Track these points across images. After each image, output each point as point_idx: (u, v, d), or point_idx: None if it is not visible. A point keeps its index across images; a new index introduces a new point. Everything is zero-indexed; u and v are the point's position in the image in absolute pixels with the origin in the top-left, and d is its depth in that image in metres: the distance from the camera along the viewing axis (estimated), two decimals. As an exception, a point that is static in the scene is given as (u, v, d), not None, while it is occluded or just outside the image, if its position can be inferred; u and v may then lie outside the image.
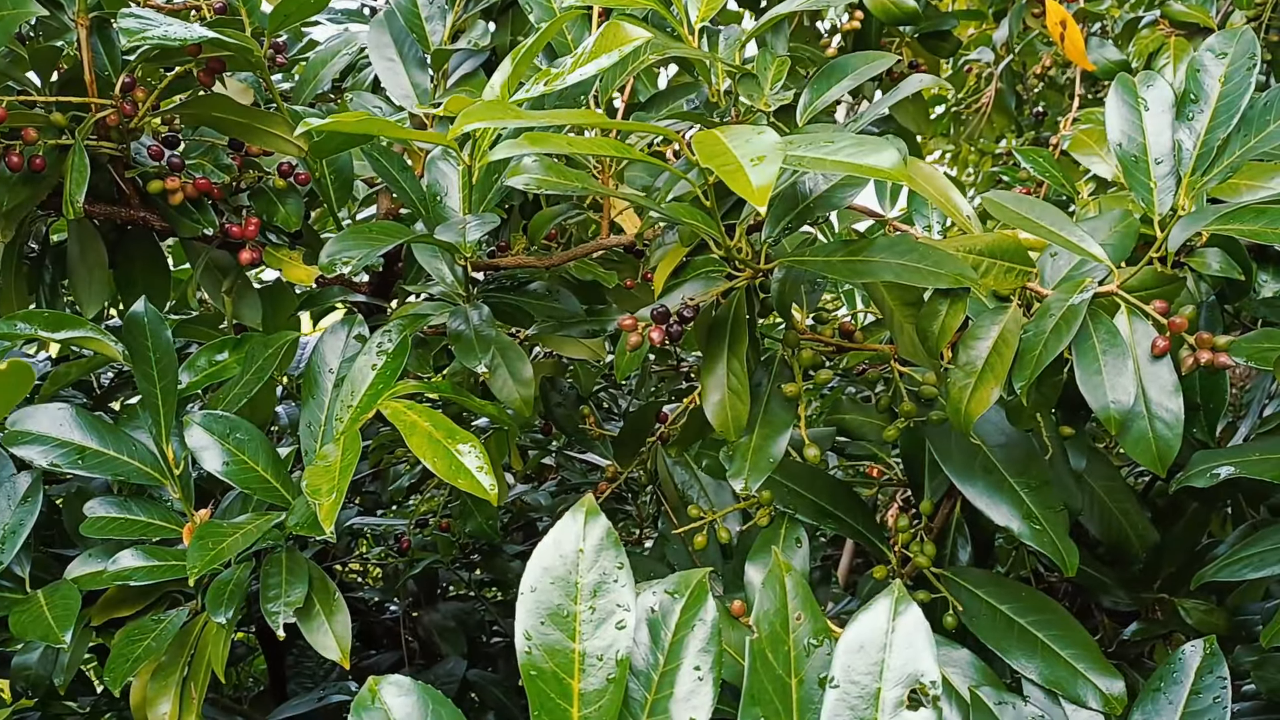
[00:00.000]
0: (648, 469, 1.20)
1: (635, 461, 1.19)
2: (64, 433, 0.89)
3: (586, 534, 0.54)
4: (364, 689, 0.57)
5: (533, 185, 0.68)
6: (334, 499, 0.73)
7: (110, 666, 0.85)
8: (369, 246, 0.80)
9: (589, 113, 0.60)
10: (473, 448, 0.77)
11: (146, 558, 0.88)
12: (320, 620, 0.88)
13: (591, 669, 0.52)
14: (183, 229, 0.92)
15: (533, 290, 0.99)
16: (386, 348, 0.86)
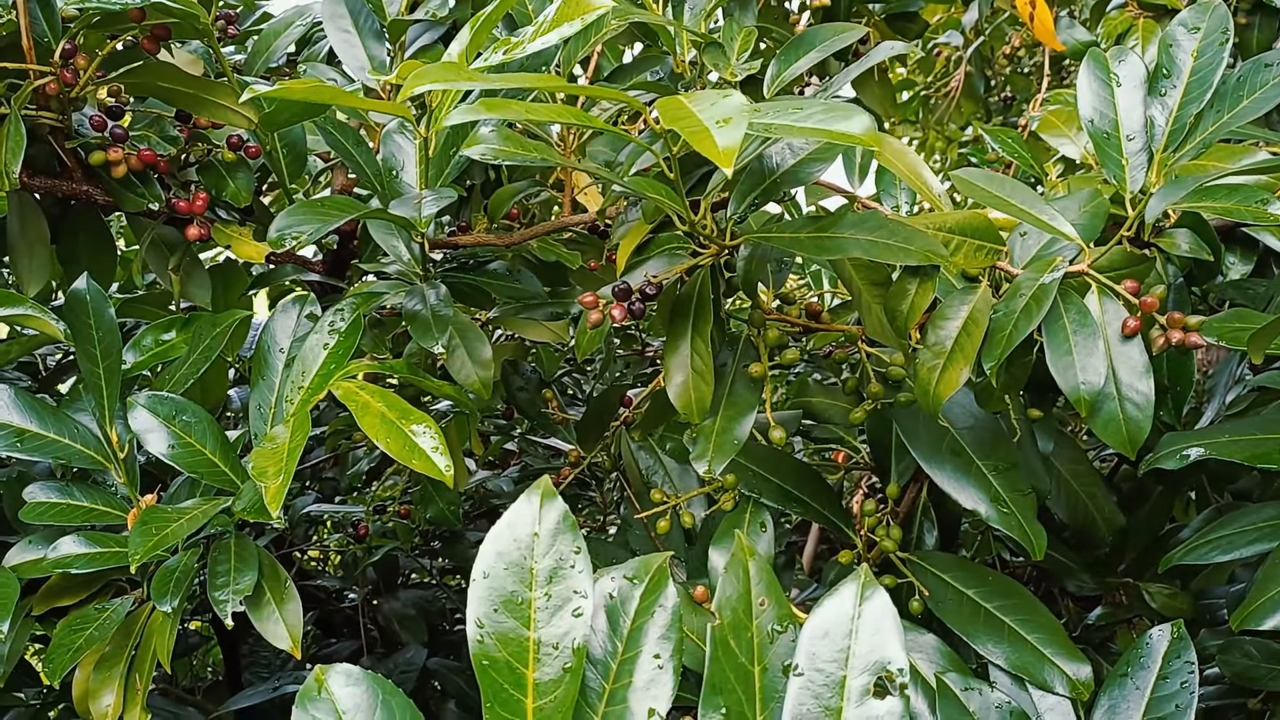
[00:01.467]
0: (611, 454, 1.18)
1: (599, 446, 1.17)
2: (2, 415, 0.85)
3: (542, 517, 0.52)
4: (310, 678, 0.54)
5: (489, 155, 0.66)
6: (280, 481, 0.70)
7: (50, 657, 0.81)
8: (320, 221, 0.77)
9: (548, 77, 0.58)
10: (427, 428, 0.75)
11: (88, 544, 0.84)
12: (271, 609, 0.85)
13: (547, 658, 0.50)
14: (127, 203, 0.88)
15: (493, 270, 0.97)
16: (339, 327, 0.83)
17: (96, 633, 0.83)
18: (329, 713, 0.53)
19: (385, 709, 0.54)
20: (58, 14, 0.85)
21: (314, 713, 0.53)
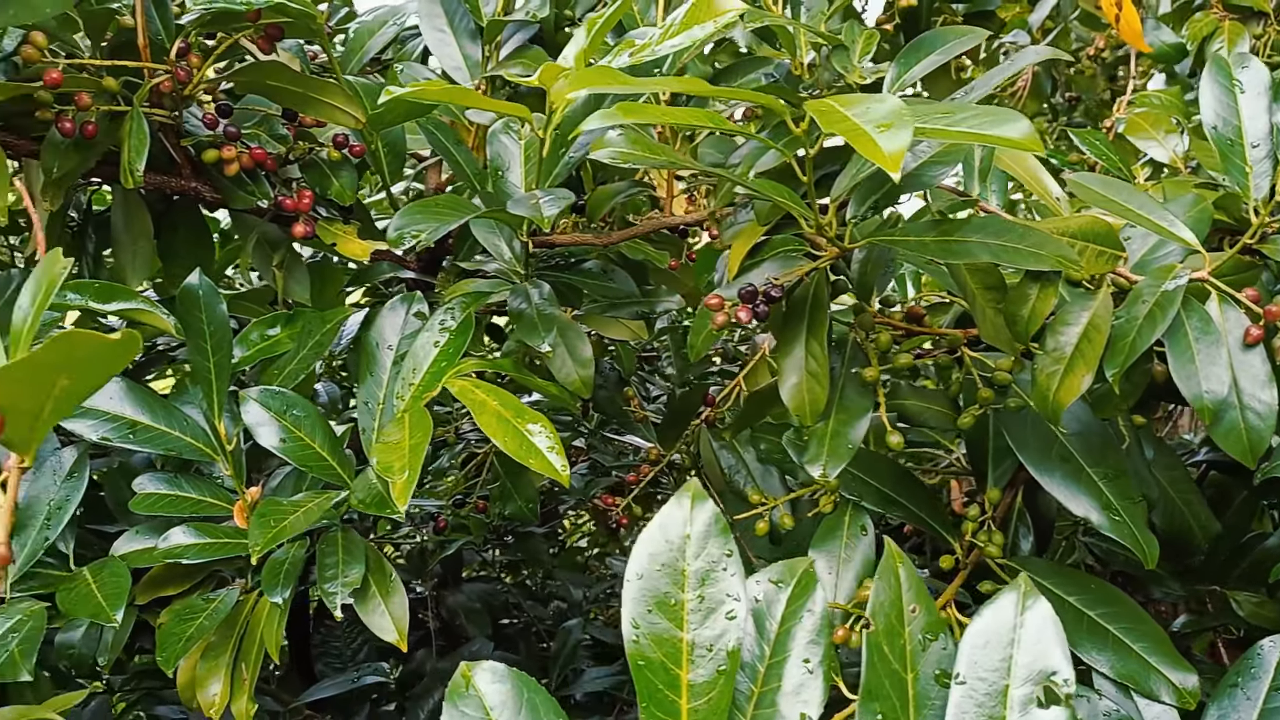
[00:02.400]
0: (690, 452, 1.19)
1: (678, 444, 1.17)
2: (115, 406, 0.86)
3: (693, 519, 0.53)
4: (457, 675, 0.55)
5: (618, 159, 0.66)
6: (407, 477, 0.71)
7: (162, 646, 0.83)
8: (436, 221, 0.78)
9: (693, 80, 0.58)
10: (543, 428, 0.75)
11: (198, 535, 0.86)
12: (376, 601, 0.86)
13: (700, 659, 0.51)
14: (236, 200, 0.89)
15: (587, 269, 0.97)
16: (449, 325, 0.84)
17: (206, 622, 0.84)
18: (477, 709, 0.54)
19: (530, 706, 0.55)
20: (170, 13, 0.87)
21: (463, 709, 0.54)
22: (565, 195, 0.76)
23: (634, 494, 1.14)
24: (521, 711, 0.54)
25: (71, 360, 0.45)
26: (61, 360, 0.45)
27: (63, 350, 0.44)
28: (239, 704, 0.87)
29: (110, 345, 0.44)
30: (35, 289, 0.52)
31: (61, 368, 0.46)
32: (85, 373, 0.47)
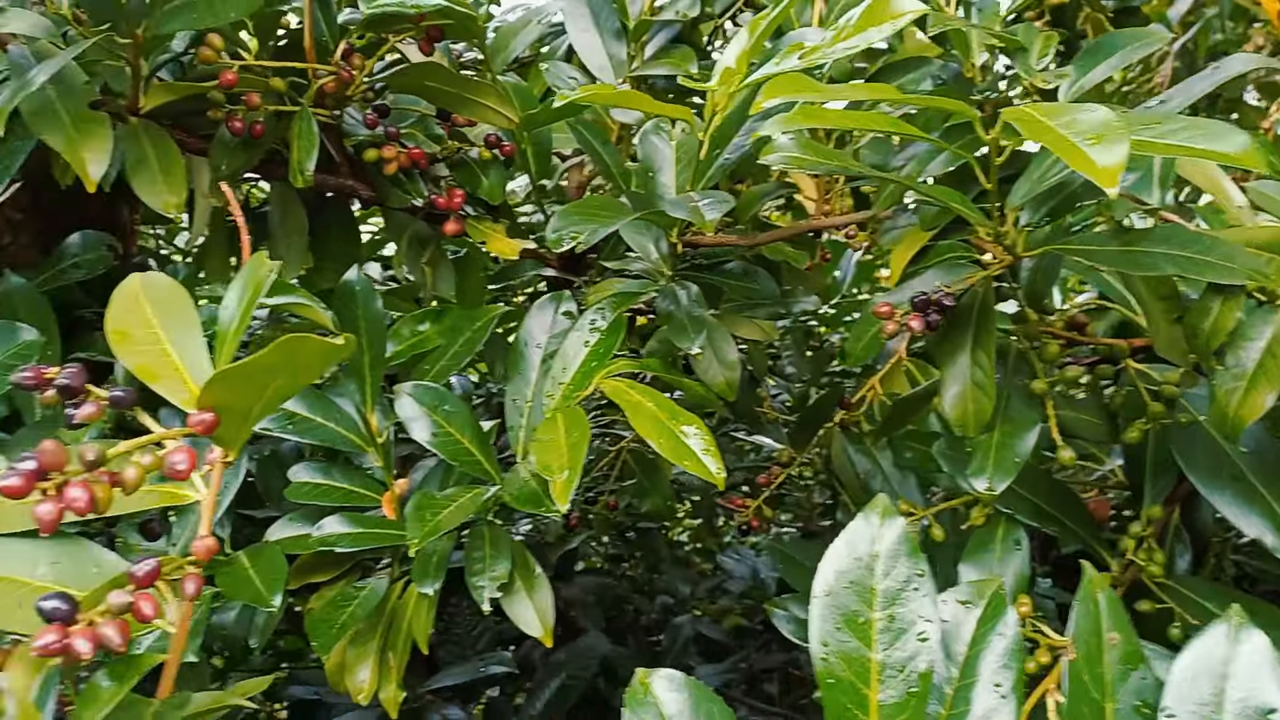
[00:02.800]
0: (821, 455, 1.17)
1: (810, 447, 1.16)
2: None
3: (881, 536, 0.52)
4: (634, 682, 0.56)
5: (790, 163, 0.66)
6: (567, 477, 0.72)
7: (317, 632, 0.85)
8: (594, 223, 0.78)
9: (883, 87, 0.57)
10: (698, 430, 0.75)
11: (351, 525, 0.88)
12: (521, 595, 0.87)
13: (890, 680, 0.50)
14: (392, 199, 0.91)
15: (730, 270, 0.97)
16: (599, 325, 0.84)
17: (358, 611, 0.87)
18: (655, 716, 0.54)
19: (707, 716, 0.55)
20: (334, 14, 0.89)
21: (642, 715, 0.54)
22: (725, 198, 0.76)
23: (765, 496, 1.13)
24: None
25: (289, 363, 0.47)
26: (280, 363, 0.46)
27: (284, 354, 0.45)
28: (387, 691, 0.89)
29: (328, 349, 0.45)
30: (242, 290, 0.53)
31: (279, 370, 0.47)
32: (298, 374, 0.48)
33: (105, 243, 0.98)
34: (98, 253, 0.98)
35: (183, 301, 0.58)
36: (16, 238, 1.03)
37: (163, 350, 0.56)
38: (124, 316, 0.57)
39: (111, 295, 0.58)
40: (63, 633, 0.44)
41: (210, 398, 0.48)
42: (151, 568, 0.47)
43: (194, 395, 0.55)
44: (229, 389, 0.47)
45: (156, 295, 0.58)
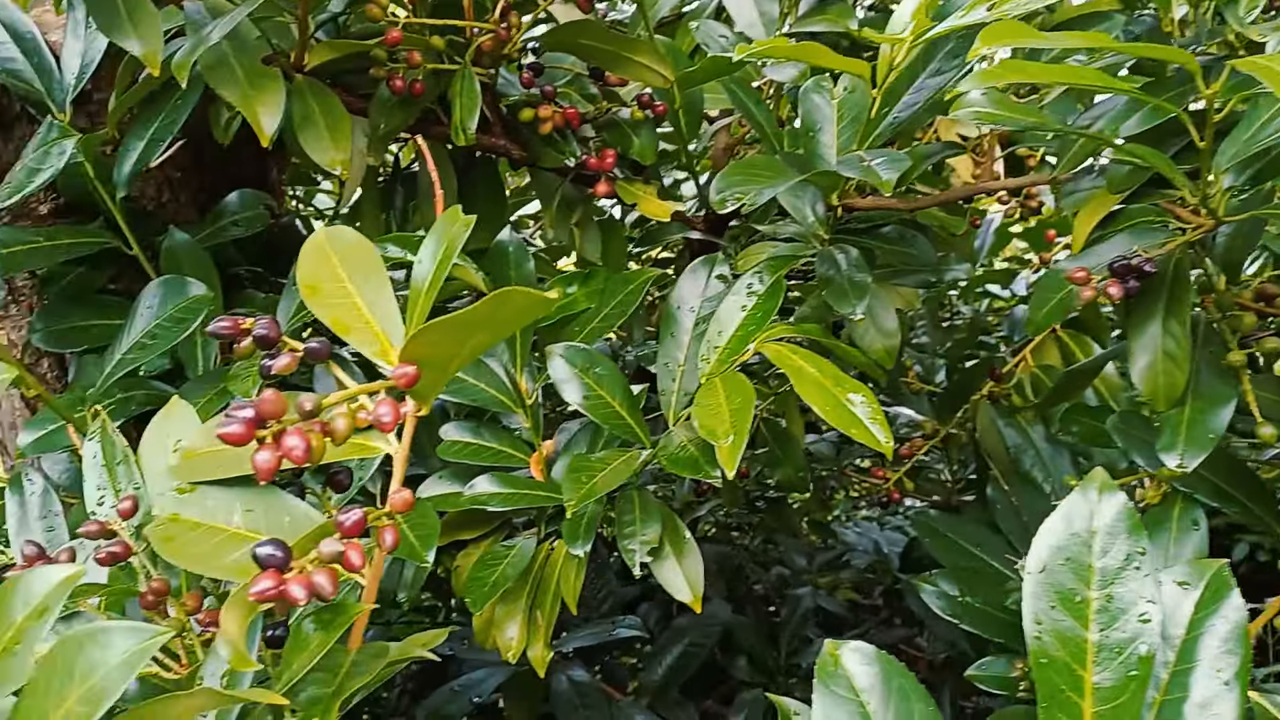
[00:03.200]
0: (966, 428, 1.14)
1: (955, 419, 1.13)
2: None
3: (1100, 511, 0.49)
4: (824, 654, 0.54)
5: (982, 119, 0.62)
6: (733, 442, 0.70)
7: (470, 590, 0.86)
8: (758, 184, 0.77)
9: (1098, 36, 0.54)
10: (864, 397, 0.73)
11: (501, 485, 0.88)
12: (670, 561, 0.86)
13: (1106, 662, 0.47)
14: (545, 159, 0.91)
15: (885, 234, 0.94)
16: (757, 289, 0.82)
17: (509, 570, 0.87)
18: (847, 689, 0.53)
19: (899, 692, 0.53)
20: (490, -30, 0.88)
21: (834, 689, 0.53)
22: (901, 158, 0.73)
23: (907, 467, 1.10)
24: (891, 697, 0.52)
25: (493, 318, 0.46)
26: (484, 318, 0.46)
27: (491, 308, 0.45)
28: (535, 649, 0.90)
29: (538, 302, 0.44)
30: (436, 247, 0.53)
31: (482, 325, 0.47)
32: (500, 328, 0.48)
33: (262, 201, 1.00)
34: (255, 211, 0.99)
35: (370, 255, 0.58)
36: (176, 196, 1.06)
37: (353, 303, 0.56)
38: (314, 270, 0.57)
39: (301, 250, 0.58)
40: (278, 579, 0.44)
41: (413, 351, 0.48)
42: (358, 518, 0.47)
43: (385, 347, 0.55)
44: (432, 343, 0.47)
45: (344, 249, 0.58)
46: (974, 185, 0.87)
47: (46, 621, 0.40)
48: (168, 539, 0.54)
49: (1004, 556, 1.00)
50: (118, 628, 0.38)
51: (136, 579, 0.59)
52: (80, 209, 1.00)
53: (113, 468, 0.61)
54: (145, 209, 1.03)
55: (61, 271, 1.00)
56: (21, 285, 1.00)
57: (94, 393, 0.86)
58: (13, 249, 0.91)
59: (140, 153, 0.92)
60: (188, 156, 1.03)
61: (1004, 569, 0.99)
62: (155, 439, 0.62)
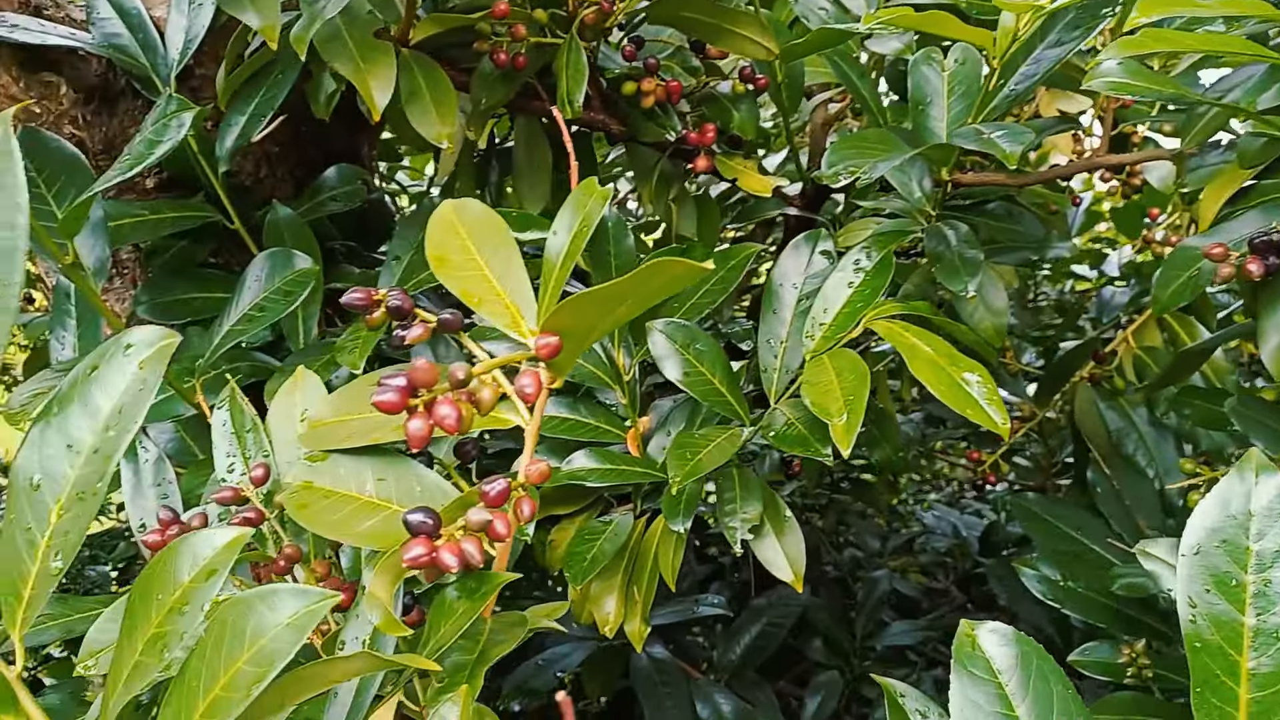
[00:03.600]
0: (1064, 410, 1.11)
1: (1053, 402, 1.11)
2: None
3: (1257, 494, 0.47)
4: (960, 634, 0.53)
5: (1116, 89, 0.61)
6: (848, 420, 0.69)
7: (569, 564, 0.86)
8: (872, 157, 0.75)
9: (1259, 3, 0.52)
10: (980, 377, 0.72)
11: (600, 460, 0.88)
12: (771, 539, 0.86)
13: (1263, 647, 0.46)
14: (646, 134, 0.90)
15: (991, 210, 0.92)
16: (864, 266, 0.81)
17: (608, 545, 0.87)
18: (985, 670, 0.52)
19: (1039, 674, 0.52)
20: (593, -57, 0.87)
21: (971, 669, 0.52)
22: (1024, 131, 0.71)
23: (1003, 450, 1.08)
24: (1030, 678, 0.51)
25: (643, 289, 0.46)
26: (634, 289, 0.45)
27: (643, 278, 0.44)
28: (632, 625, 0.90)
29: (694, 271, 0.44)
30: (572, 219, 0.53)
31: (627, 295, 0.46)
32: (647, 299, 0.47)
33: (359, 176, 1.01)
34: (353, 185, 1.00)
35: (498, 228, 0.58)
36: (273, 171, 1.07)
37: (482, 275, 0.56)
38: (442, 242, 0.58)
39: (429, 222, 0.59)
40: (429, 546, 0.44)
41: (556, 322, 0.47)
42: (503, 488, 0.47)
43: (516, 319, 0.55)
44: (577, 314, 0.47)
45: (471, 221, 0.58)
46: (1091, 160, 0.85)
47: (214, 583, 0.40)
48: (302, 506, 0.55)
49: (1105, 540, 0.98)
50: (286, 590, 0.39)
51: (266, 545, 0.60)
52: (182, 184, 1.01)
53: (242, 435, 0.62)
54: (244, 184, 1.05)
55: (164, 245, 1.01)
56: (126, 258, 1.02)
57: (202, 364, 0.87)
58: (120, 222, 0.93)
59: (242, 128, 0.93)
60: (285, 132, 1.04)
61: (1105, 553, 0.98)
62: (283, 408, 0.63)
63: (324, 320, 1.02)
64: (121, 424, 0.43)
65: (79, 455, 0.44)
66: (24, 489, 0.44)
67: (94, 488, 0.43)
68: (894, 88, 1.04)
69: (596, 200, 0.52)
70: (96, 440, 0.43)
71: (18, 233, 0.42)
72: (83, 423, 0.44)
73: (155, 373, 0.43)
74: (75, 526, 0.43)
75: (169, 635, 0.41)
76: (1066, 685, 0.52)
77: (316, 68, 0.93)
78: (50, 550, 0.43)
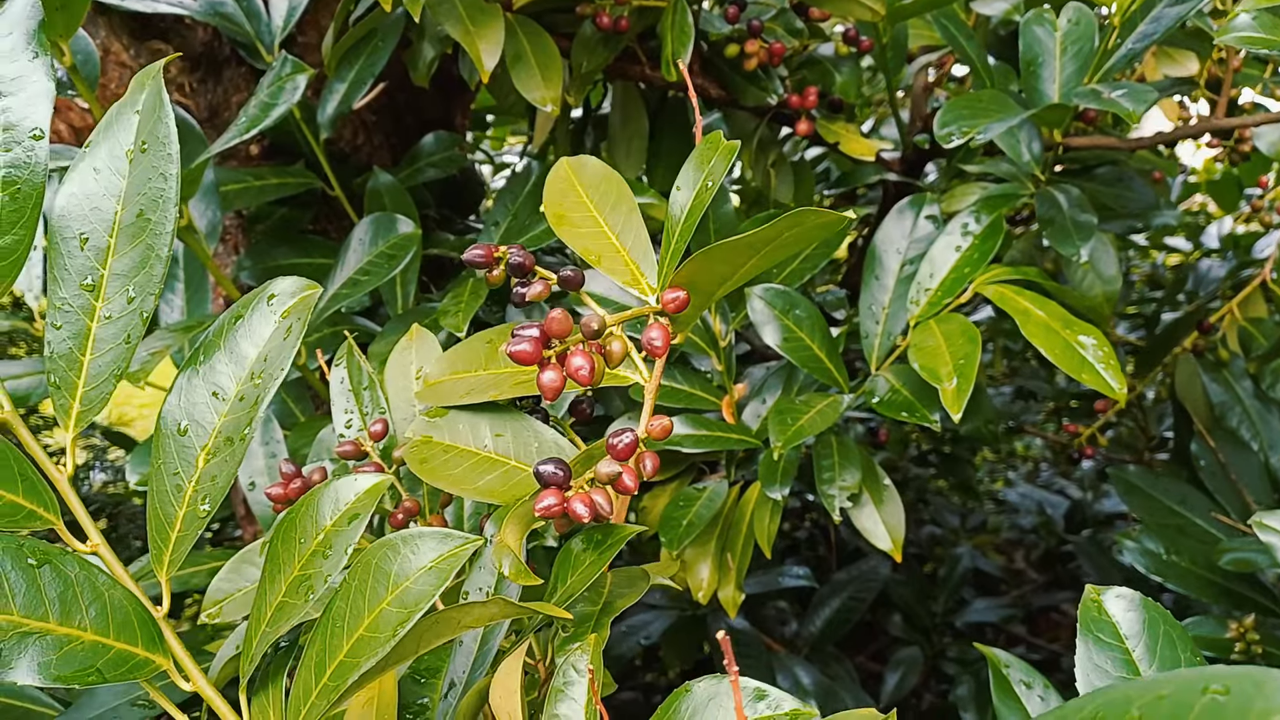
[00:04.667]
0: (1164, 383, 1.08)
1: (1153, 374, 1.08)
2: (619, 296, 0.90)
3: None
4: (1086, 599, 0.52)
5: (1248, 44, 0.58)
6: (958, 385, 0.68)
7: (665, 530, 0.86)
8: (986, 119, 0.74)
9: None
10: (1095, 340, 0.70)
11: (696, 427, 0.88)
12: (870, 508, 0.85)
13: None
14: (747, 97, 0.89)
15: (1102, 175, 0.89)
16: (973, 229, 0.79)
17: (704, 511, 0.87)
18: (1112, 635, 0.51)
19: (1166, 640, 0.51)
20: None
21: (1097, 634, 0.51)
22: (1145, 90, 0.69)
23: (1100, 423, 1.06)
24: (1158, 644, 0.50)
25: (779, 240, 0.45)
26: (770, 239, 0.45)
27: (782, 228, 0.44)
28: (726, 591, 0.90)
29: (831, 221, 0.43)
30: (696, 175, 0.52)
31: (760, 247, 0.46)
32: (780, 251, 0.47)
33: (456, 143, 1.02)
34: (450, 152, 1.01)
35: (618, 185, 0.58)
36: (370, 138, 1.08)
37: (602, 232, 0.56)
38: (561, 199, 0.58)
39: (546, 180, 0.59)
40: (560, 497, 0.45)
41: (686, 275, 0.47)
42: (630, 441, 0.47)
43: (636, 276, 0.55)
44: (708, 267, 0.47)
45: (590, 179, 0.58)
46: (1206, 123, 0.82)
47: (357, 527, 0.41)
48: (423, 460, 0.56)
49: (1209, 515, 0.95)
50: (429, 534, 0.39)
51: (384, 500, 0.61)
52: (283, 152, 1.03)
53: (359, 392, 0.63)
54: (342, 151, 1.06)
55: (266, 212, 1.03)
56: (229, 225, 1.04)
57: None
58: (226, 188, 0.95)
59: (344, 94, 0.94)
60: (381, 101, 1.06)
61: (1210, 527, 0.95)
62: (398, 366, 0.64)
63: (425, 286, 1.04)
64: (267, 370, 0.44)
65: (224, 402, 0.45)
66: (171, 435, 0.45)
67: (241, 433, 0.44)
68: (996, 52, 1.02)
69: (722, 155, 0.51)
70: (242, 387, 0.45)
71: (170, 183, 0.43)
72: (228, 370, 0.45)
73: (299, 321, 0.44)
74: (222, 471, 0.44)
75: (312, 578, 0.42)
76: (1195, 653, 0.51)
77: (416, 36, 0.94)
78: (197, 495, 0.45)
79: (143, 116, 0.45)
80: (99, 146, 0.45)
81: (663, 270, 0.54)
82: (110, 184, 0.45)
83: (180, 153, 0.72)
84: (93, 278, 0.44)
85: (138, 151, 0.44)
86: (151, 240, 0.44)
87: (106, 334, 0.44)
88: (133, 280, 0.44)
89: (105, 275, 0.44)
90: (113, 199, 0.44)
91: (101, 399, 0.44)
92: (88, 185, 0.45)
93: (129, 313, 0.44)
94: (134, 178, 0.44)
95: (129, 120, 0.45)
